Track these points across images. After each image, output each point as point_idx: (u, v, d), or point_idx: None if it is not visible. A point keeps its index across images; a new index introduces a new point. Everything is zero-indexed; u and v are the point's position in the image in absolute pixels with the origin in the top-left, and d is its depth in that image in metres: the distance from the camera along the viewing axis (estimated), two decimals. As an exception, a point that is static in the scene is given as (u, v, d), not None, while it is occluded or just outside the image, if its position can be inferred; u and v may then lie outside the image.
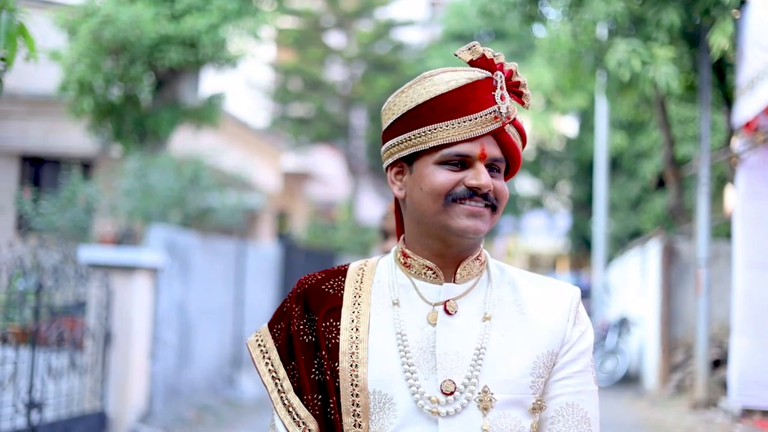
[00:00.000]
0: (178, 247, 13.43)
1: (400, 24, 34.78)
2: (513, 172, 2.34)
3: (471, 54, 2.27)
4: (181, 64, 16.21)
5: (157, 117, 16.54)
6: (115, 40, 15.31)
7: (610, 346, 19.48)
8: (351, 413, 2.22)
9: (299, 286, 2.37)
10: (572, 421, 2.26)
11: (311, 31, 33.92)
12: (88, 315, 11.13)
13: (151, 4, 15.71)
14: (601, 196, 26.28)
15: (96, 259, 11.45)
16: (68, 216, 14.35)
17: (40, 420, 9.30)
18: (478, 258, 2.35)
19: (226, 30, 16.21)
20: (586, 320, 2.36)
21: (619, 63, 13.11)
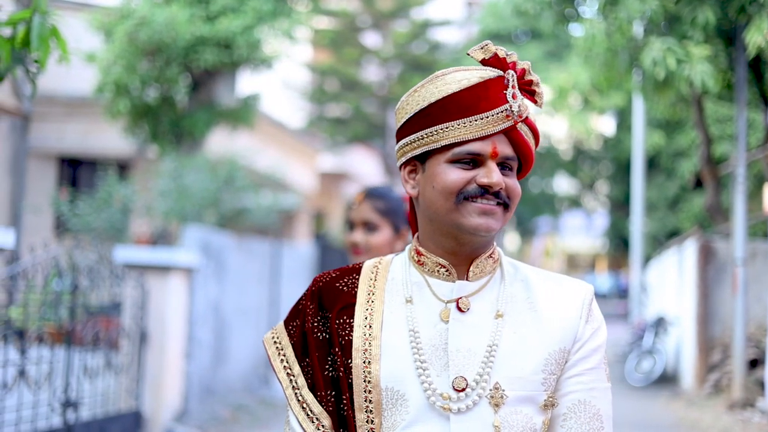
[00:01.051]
0: (213, 247, 13.49)
1: (436, 24, 34.72)
2: (526, 170, 2.35)
3: (483, 53, 2.28)
4: (216, 66, 16.29)
5: (192, 118, 16.63)
6: (150, 42, 15.41)
7: (647, 346, 19.37)
8: (364, 409, 2.24)
9: (314, 284, 2.41)
10: (584, 417, 2.26)
11: (347, 32, 33.95)
12: (123, 315, 11.21)
13: (186, 6, 15.80)
14: (638, 196, 26.15)
15: (131, 260, 11.53)
16: (104, 217, 14.46)
17: (76, 419, 9.38)
18: (491, 256, 2.36)
19: (260, 31, 16.27)
20: (600, 318, 2.36)
21: (654, 62, 13.05)
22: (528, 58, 34.20)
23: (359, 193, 4.40)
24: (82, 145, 21.22)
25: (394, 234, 4.31)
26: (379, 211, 4.28)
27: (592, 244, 67.29)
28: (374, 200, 4.31)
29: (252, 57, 16.52)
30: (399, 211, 4.33)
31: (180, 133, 16.99)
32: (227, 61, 16.25)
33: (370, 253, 4.25)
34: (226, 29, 15.78)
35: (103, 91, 16.33)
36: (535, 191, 43.11)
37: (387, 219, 4.29)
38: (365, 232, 4.28)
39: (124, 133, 17.27)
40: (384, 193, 4.37)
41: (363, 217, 4.29)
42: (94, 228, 14.54)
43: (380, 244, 4.26)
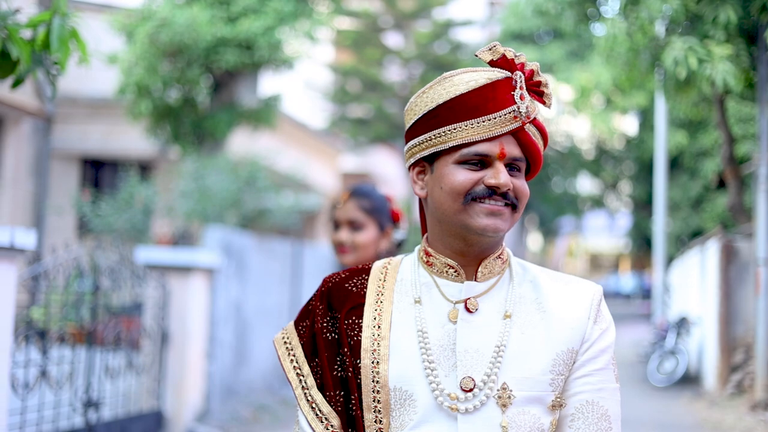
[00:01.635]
0: (234, 247, 13.53)
1: (458, 24, 34.70)
2: (534, 171, 2.35)
3: (491, 54, 2.29)
4: (237, 66, 16.34)
5: (214, 119, 16.68)
6: (171, 43, 15.47)
7: (669, 346, 19.30)
8: (372, 409, 2.25)
9: (323, 284, 2.42)
10: (592, 418, 2.27)
11: (369, 32, 33.98)
12: (144, 315, 11.26)
13: (207, 7, 15.85)
14: (660, 196, 26.05)
15: (153, 260, 11.57)
16: (126, 217, 14.53)
17: (98, 419, 9.42)
18: (500, 256, 2.37)
19: (281, 32, 16.30)
20: (608, 318, 2.36)
21: (675, 61, 13.01)
22: (550, 58, 34.16)
23: (343, 193, 4.42)
24: (105, 146, 21.32)
25: (380, 232, 4.33)
26: (365, 209, 4.31)
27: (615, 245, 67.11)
28: (359, 199, 4.33)
29: (273, 58, 16.56)
30: (383, 209, 4.36)
31: (202, 133, 17.05)
32: (248, 62, 16.30)
33: (357, 251, 4.29)
34: (247, 30, 15.83)
35: (125, 93, 16.40)
36: (558, 191, 43.05)
37: (372, 217, 4.31)
38: (351, 231, 4.31)
39: (146, 134, 17.34)
40: (368, 192, 4.39)
41: (348, 216, 4.32)
42: (115, 229, 14.61)
43: (366, 243, 4.29)
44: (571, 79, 31.41)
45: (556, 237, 62.04)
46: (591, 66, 29.36)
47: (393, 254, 4.37)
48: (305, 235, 25.58)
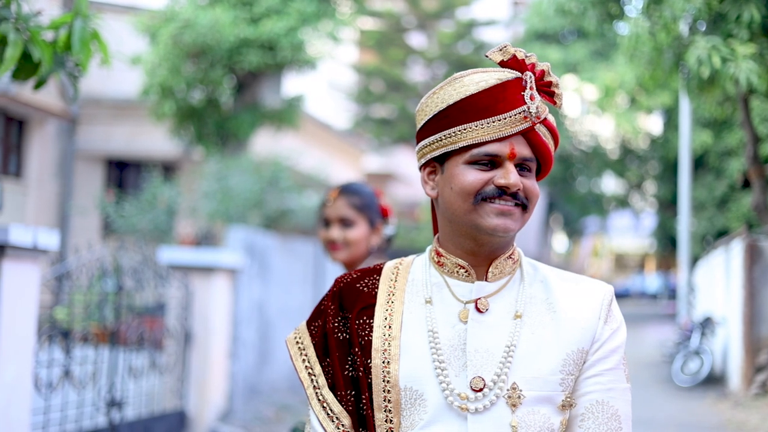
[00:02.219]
0: (256, 247, 13.57)
1: (481, 24, 34.68)
2: (545, 172, 2.36)
3: (502, 55, 2.30)
4: (260, 67, 16.38)
5: (237, 119, 16.73)
6: (195, 44, 15.53)
7: (693, 346, 19.22)
8: (383, 409, 2.26)
9: (335, 284, 2.43)
10: (602, 418, 2.27)
11: (392, 33, 34.00)
12: (168, 315, 11.30)
13: (230, 9, 15.90)
14: (684, 196, 25.94)
15: (176, 260, 11.62)
16: (149, 218, 14.59)
17: (121, 419, 9.47)
18: (511, 256, 2.37)
19: (304, 32, 16.33)
20: (619, 318, 2.36)
21: (699, 60, 12.94)
22: (574, 58, 34.08)
23: (333, 190, 4.43)
24: (129, 147, 21.41)
25: (370, 228, 4.34)
26: (355, 206, 4.32)
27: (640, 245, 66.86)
28: (349, 196, 4.34)
29: (296, 58, 16.60)
30: (373, 206, 4.37)
31: (225, 134, 17.11)
32: (271, 63, 16.34)
33: (348, 248, 4.30)
34: (269, 31, 15.87)
35: (149, 94, 16.48)
36: (583, 191, 42.92)
37: (363, 214, 4.32)
38: (342, 228, 4.31)
39: (170, 134, 17.41)
40: (358, 188, 4.41)
41: (339, 213, 4.32)
42: (139, 229, 14.68)
43: (357, 239, 4.30)
44: (595, 78, 31.33)
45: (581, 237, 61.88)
46: (615, 65, 29.27)
47: (383, 250, 4.43)
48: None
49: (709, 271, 23.84)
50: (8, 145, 20.35)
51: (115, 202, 15.75)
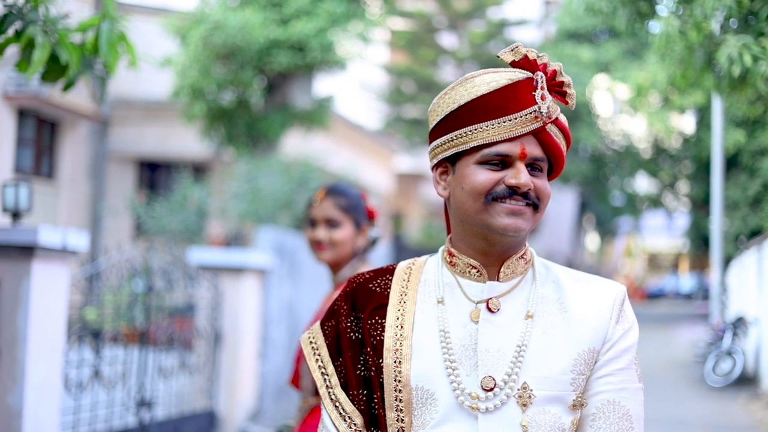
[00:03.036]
0: (286, 248, 13.60)
1: (512, 23, 34.61)
2: (556, 172, 2.36)
3: (513, 55, 2.31)
4: (290, 68, 16.42)
5: (267, 120, 16.79)
6: (225, 46, 15.59)
7: (725, 346, 19.10)
8: (394, 408, 2.27)
9: (348, 284, 2.45)
10: (613, 418, 2.27)
11: (423, 33, 34.00)
12: (197, 315, 11.35)
13: (260, 10, 15.96)
14: (717, 195, 25.77)
15: (205, 261, 11.66)
16: (180, 219, 14.66)
17: (151, 418, 9.52)
18: (523, 256, 2.37)
19: (334, 33, 16.36)
20: (631, 318, 2.36)
21: (730, 59, 12.85)
22: (606, 57, 33.94)
23: (320, 191, 4.46)
24: (160, 149, 21.52)
25: (356, 230, 4.36)
26: (341, 207, 4.34)
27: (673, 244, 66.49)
28: (336, 197, 4.37)
29: (325, 59, 16.63)
30: (359, 207, 4.40)
31: (255, 135, 17.16)
32: (301, 64, 16.38)
33: (334, 249, 4.33)
34: (299, 32, 15.91)
35: (180, 95, 16.55)
36: (616, 191, 42.74)
37: (349, 215, 4.35)
38: (328, 228, 4.34)
39: (201, 136, 17.47)
40: (344, 190, 4.43)
41: (325, 214, 4.35)
42: (169, 230, 14.74)
43: (343, 240, 4.32)
44: (627, 77, 31.18)
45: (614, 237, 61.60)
46: (647, 65, 29.13)
47: (368, 251, 4.47)
48: (358, 235, 25.62)
49: (741, 271, 23.69)
50: (41, 146, 20.51)
51: (145, 203, 15.83)
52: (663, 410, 14.70)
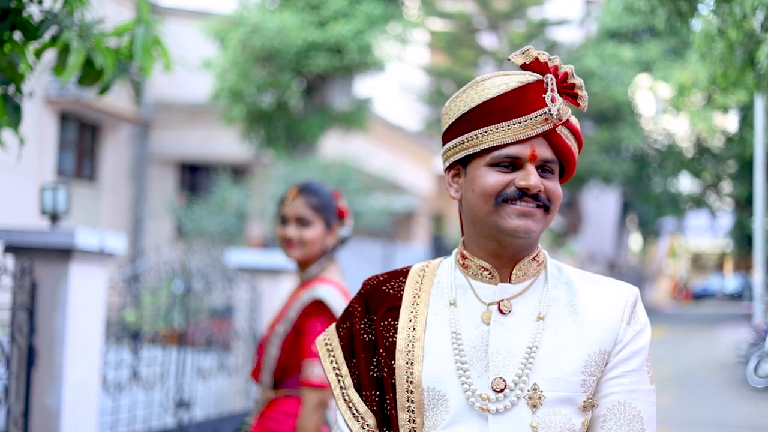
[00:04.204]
0: (324, 249, 13.63)
1: (553, 23, 34.50)
2: (568, 174, 2.37)
3: (524, 58, 2.32)
4: (328, 70, 16.48)
5: (306, 122, 16.85)
6: (263, 49, 15.68)
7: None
8: (406, 409, 2.29)
9: (363, 287, 2.48)
10: (624, 419, 2.27)
11: (463, 33, 33.95)
12: (236, 317, 11.40)
13: (298, 13, 16.03)
14: (759, 194, 25.55)
15: (244, 263, 11.71)
16: (219, 220, 14.74)
17: (189, 419, 9.57)
18: (535, 258, 2.38)
19: (371, 35, 16.40)
20: (644, 320, 2.36)
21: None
22: (648, 56, 33.74)
23: (292, 189, 4.51)
24: (201, 151, 21.65)
25: (326, 229, 4.43)
26: (312, 207, 4.40)
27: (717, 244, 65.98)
28: (307, 196, 4.43)
29: (363, 61, 16.66)
30: (330, 206, 4.47)
31: (294, 137, 17.23)
32: (339, 66, 16.43)
33: (303, 247, 4.40)
34: (337, 34, 15.97)
35: (219, 98, 16.65)
36: (658, 191, 42.49)
37: (319, 214, 4.41)
38: (298, 227, 4.40)
39: (241, 138, 17.56)
40: (316, 189, 4.49)
41: (296, 212, 4.41)
42: (209, 232, 14.83)
43: (313, 239, 4.38)
44: (669, 77, 31.00)
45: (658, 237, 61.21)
46: (689, 63, 28.94)
47: (337, 250, 4.56)
48: (397, 236, 25.64)
49: (785, 271, 23.47)
50: (82, 149, 20.70)
51: (185, 205, 15.94)
52: (705, 411, 14.62)
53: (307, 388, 4.23)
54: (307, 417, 4.20)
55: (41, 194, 7.06)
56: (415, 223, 28.48)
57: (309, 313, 4.34)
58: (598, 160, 36.45)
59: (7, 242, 6.62)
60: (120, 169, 21.42)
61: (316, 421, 4.20)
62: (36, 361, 6.60)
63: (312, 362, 4.22)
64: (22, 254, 6.62)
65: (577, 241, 43.55)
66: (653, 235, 58.37)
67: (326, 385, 4.16)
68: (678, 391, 16.70)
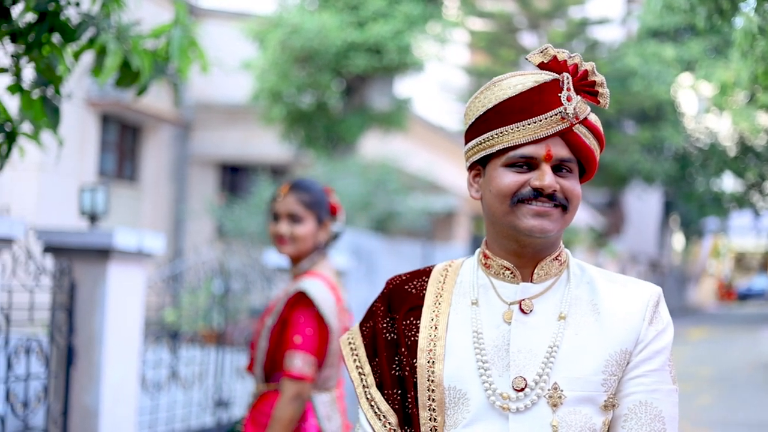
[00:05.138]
0: (363, 250, 13.65)
1: (594, 22, 34.35)
2: (589, 173, 2.37)
3: (542, 57, 2.32)
4: (367, 71, 16.50)
5: (346, 123, 16.89)
6: (302, 49, 15.73)
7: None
8: (427, 407, 2.30)
9: (386, 286, 2.50)
10: (645, 419, 2.27)
11: (504, 33, 33.89)
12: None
13: (337, 13, 16.07)
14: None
15: (282, 263, 11.75)
16: (258, 221, 14.79)
17: (229, 418, 9.62)
18: (557, 258, 2.38)
19: (410, 35, 16.41)
20: (666, 319, 2.35)
21: (811, 55, 12.65)
22: (690, 55, 33.52)
23: (283, 186, 4.56)
24: (241, 152, 21.74)
25: (318, 225, 4.47)
26: (304, 203, 4.43)
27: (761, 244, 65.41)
28: (299, 193, 4.46)
29: (403, 61, 16.68)
30: (322, 203, 4.50)
31: (334, 137, 17.28)
32: (378, 66, 16.45)
33: (295, 243, 4.44)
34: (376, 35, 15.99)
35: (259, 98, 16.72)
36: (701, 190, 42.19)
37: (311, 211, 4.45)
38: (290, 223, 4.43)
39: (280, 139, 17.62)
40: (308, 185, 4.53)
41: (288, 209, 4.44)
42: (248, 232, 14.89)
43: (305, 235, 4.42)
44: (711, 75, 30.78)
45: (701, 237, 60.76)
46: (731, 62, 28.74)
47: (330, 246, 4.59)
48: (436, 236, 25.63)
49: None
50: (124, 150, 20.86)
51: (225, 205, 16.01)
52: (746, 412, 14.51)
53: (286, 378, 4.27)
54: (282, 407, 4.24)
55: (80, 195, 7.13)
56: (455, 223, 28.44)
57: (293, 305, 4.39)
58: (640, 159, 36.26)
59: (47, 243, 6.70)
60: (161, 169, 21.57)
61: (291, 412, 4.24)
62: (75, 360, 6.67)
63: (293, 353, 4.27)
64: (62, 255, 6.69)
65: (619, 242, 43.30)
66: (696, 235, 57.95)
67: (305, 378, 4.24)
68: (719, 392, 16.59)
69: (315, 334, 4.34)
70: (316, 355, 4.32)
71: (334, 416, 4.46)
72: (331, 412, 4.45)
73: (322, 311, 4.35)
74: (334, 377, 4.51)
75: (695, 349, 24.29)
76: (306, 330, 4.33)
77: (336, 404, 4.51)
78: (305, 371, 4.26)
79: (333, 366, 4.46)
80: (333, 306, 4.42)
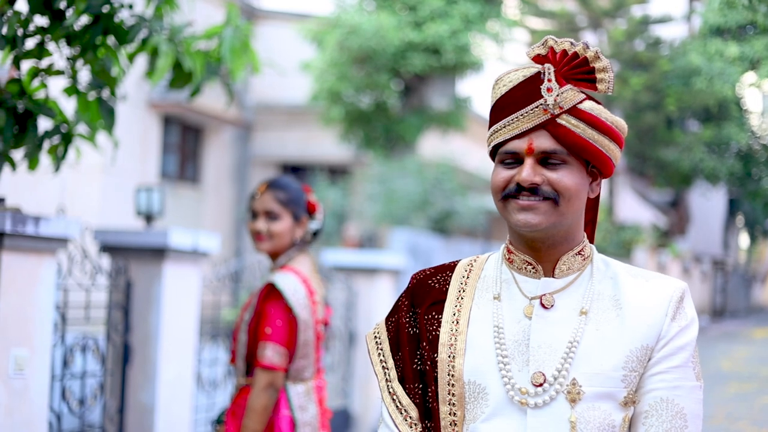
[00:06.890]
0: (420, 249, 13.68)
1: (655, 21, 34.04)
2: (600, 164, 2.32)
3: (542, 49, 2.30)
4: (425, 71, 16.52)
5: (404, 123, 16.92)
6: (360, 50, 15.79)
7: None
8: (447, 402, 2.31)
9: (411, 280, 2.53)
10: (666, 416, 2.25)
11: (565, 32, 33.66)
12: (332, 316, 11.49)
13: (394, 14, 16.11)
14: None
15: (339, 262, 11.82)
16: (317, 221, 14.89)
17: (285, 416, 9.68)
18: (580, 253, 2.37)
19: (468, 35, 16.41)
20: (690, 315, 2.32)
21: None
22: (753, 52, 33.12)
23: (261, 184, 4.68)
24: (302, 152, 21.86)
25: (294, 222, 4.58)
26: (280, 201, 4.56)
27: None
28: (276, 191, 4.60)
29: (461, 61, 16.68)
30: (299, 200, 4.62)
31: (393, 137, 17.32)
32: (436, 66, 16.46)
33: (272, 240, 4.56)
34: (434, 34, 16.01)
35: (318, 99, 16.82)
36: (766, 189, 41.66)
37: (287, 208, 4.57)
38: (267, 220, 4.57)
39: (340, 139, 17.70)
40: (285, 184, 4.65)
41: (265, 206, 4.58)
42: (307, 232, 15.01)
43: (281, 232, 4.55)
44: (775, 72, 30.40)
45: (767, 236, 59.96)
46: (795, 58, 28.35)
47: (307, 243, 4.67)
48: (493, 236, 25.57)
49: None
50: (185, 152, 21.07)
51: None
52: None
53: (257, 368, 4.40)
54: (255, 396, 4.37)
55: (136, 195, 7.22)
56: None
57: (264, 297, 4.48)
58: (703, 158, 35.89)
59: (103, 242, 6.81)
60: (222, 170, 21.75)
61: (264, 401, 4.36)
62: (131, 358, 6.77)
63: (264, 344, 4.39)
64: (118, 254, 6.80)
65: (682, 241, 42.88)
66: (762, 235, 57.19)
67: (276, 368, 4.36)
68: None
69: (285, 325, 4.43)
70: (286, 345, 4.43)
71: (309, 406, 4.55)
72: (305, 402, 4.54)
73: (290, 303, 4.41)
74: (310, 368, 4.59)
75: (760, 349, 24.01)
76: (276, 321, 4.43)
77: (312, 394, 4.59)
78: (275, 361, 4.38)
79: (307, 357, 4.55)
80: (303, 298, 4.48)
